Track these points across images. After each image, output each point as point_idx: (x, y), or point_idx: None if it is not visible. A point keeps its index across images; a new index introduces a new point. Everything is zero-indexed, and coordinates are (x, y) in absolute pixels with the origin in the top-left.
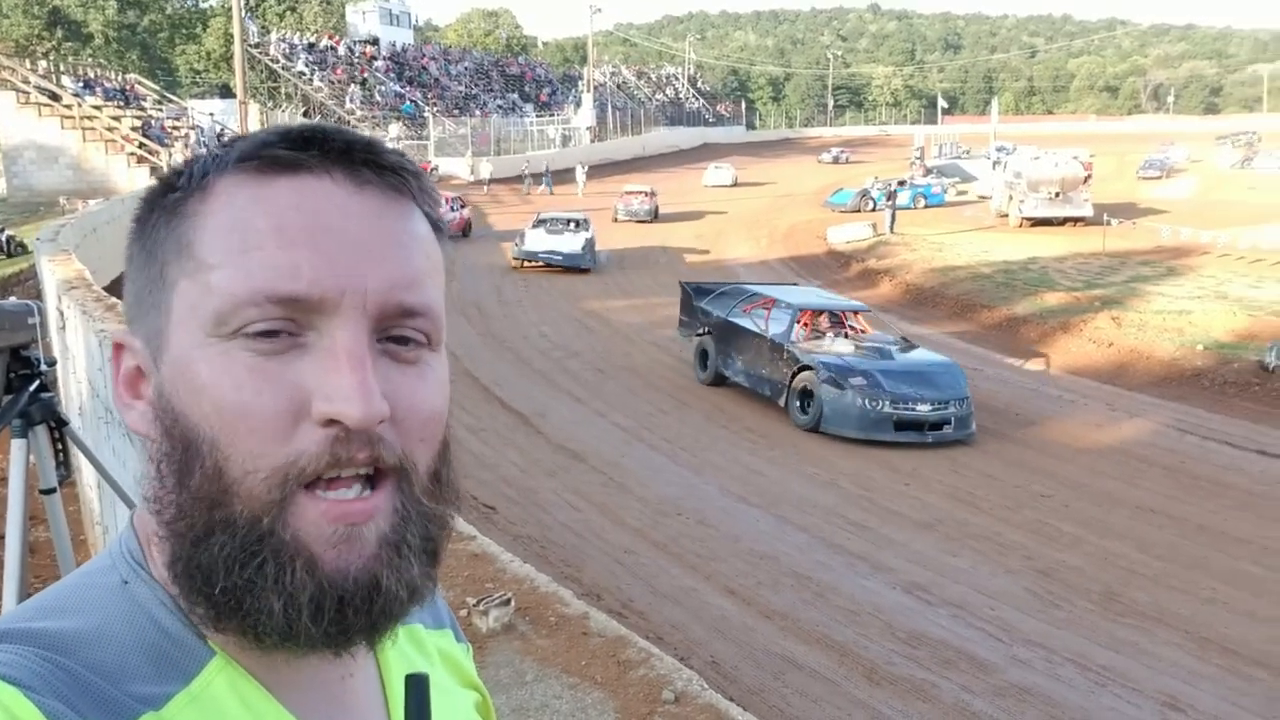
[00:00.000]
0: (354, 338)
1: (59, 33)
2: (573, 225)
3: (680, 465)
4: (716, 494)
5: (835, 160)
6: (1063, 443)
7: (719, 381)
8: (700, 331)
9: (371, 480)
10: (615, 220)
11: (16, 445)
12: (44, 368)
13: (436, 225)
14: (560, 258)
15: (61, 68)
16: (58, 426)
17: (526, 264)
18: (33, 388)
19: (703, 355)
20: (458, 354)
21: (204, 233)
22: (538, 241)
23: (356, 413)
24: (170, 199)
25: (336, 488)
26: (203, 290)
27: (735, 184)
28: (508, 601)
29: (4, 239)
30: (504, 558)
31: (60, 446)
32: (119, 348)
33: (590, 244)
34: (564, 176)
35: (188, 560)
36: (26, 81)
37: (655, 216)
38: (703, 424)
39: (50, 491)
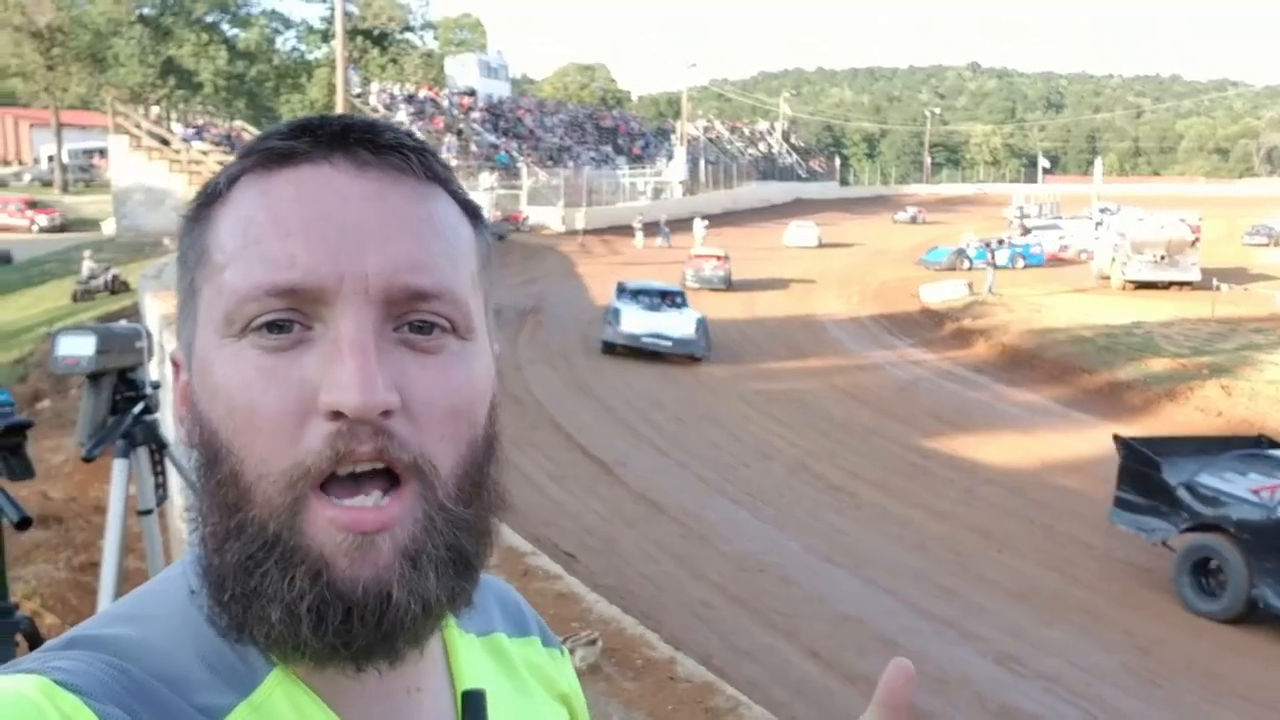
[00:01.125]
0: (355, 325)
1: (171, 81)
2: (670, 300)
3: (763, 520)
4: (800, 551)
5: (912, 220)
6: None
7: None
8: (1188, 525)
9: (392, 484)
10: (683, 287)
11: (119, 465)
12: (148, 390)
13: (465, 205)
14: (670, 343)
15: (172, 114)
16: (159, 449)
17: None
18: (137, 410)
19: (1204, 567)
20: (542, 401)
21: (217, 235)
22: (638, 322)
23: (353, 400)
24: (195, 209)
25: (354, 495)
26: (216, 292)
27: (820, 244)
28: (594, 641)
29: (110, 277)
30: (590, 598)
31: (160, 469)
32: (175, 365)
33: (703, 325)
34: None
35: (208, 568)
36: (138, 127)
37: (729, 284)
38: (786, 478)
39: (148, 513)
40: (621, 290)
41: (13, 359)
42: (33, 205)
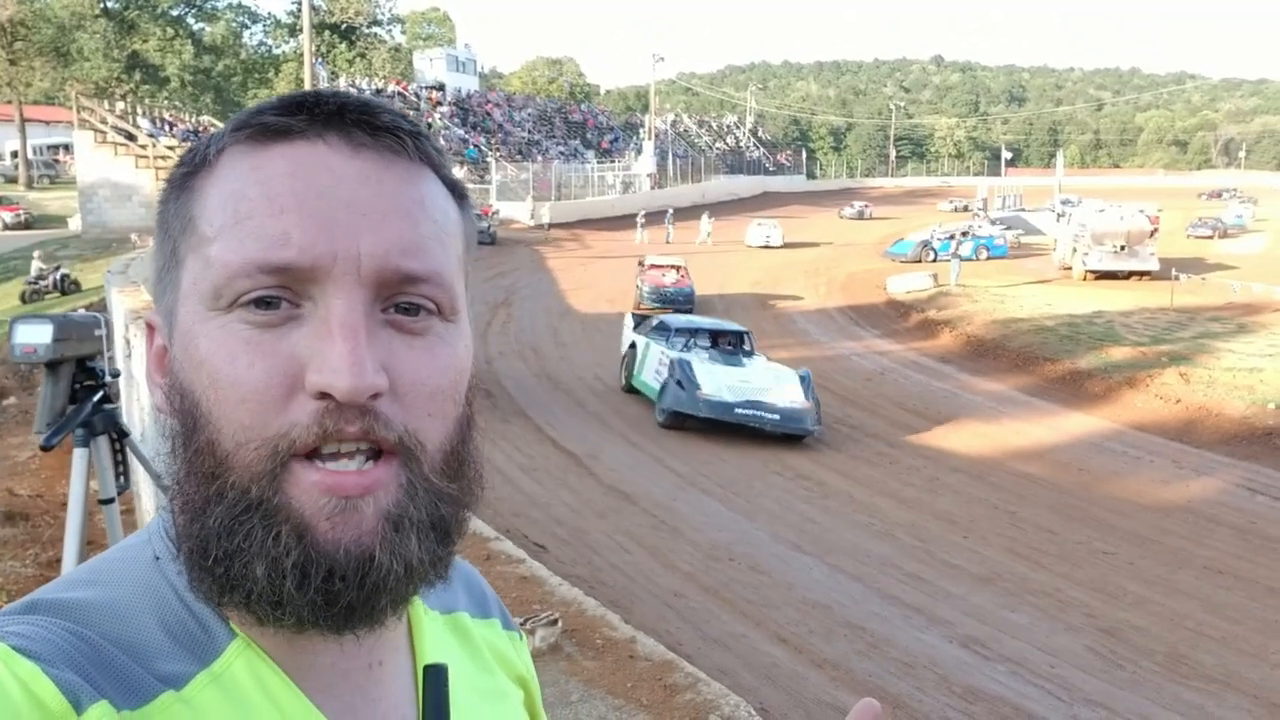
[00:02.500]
0: (347, 306)
1: (137, 75)
2: (738, 344)
3: (734, 511)
4: (769, 540)
5: (860, 215)
6: (1127, 499)
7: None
8: None
9: (376, 455)
10: (638, 307)
11: (78, 454)
12: (108, 379)
13: (453, 188)
14: (776, 417)
15: (138, 109)
16: (119, 438)
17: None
18: (96, 398)
19: None
20: (513, 394)
21: (205, 207)
22: (722, 384)
23: (344, 384)
24: (178, 176)
25: (337, 459)
26: (203, 264)
27: (783, 243)
28: (555, 622)
29: (59, 276)
30: (553, 581)
31: (120, 457)
32: (150, 328)
33: (809, 386)
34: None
35: (188, 535)
36: (104, 122)
37: (692, 303)
38: (759, 470)
39: (109, 501)
40: (664, 331)
41: None
42: None
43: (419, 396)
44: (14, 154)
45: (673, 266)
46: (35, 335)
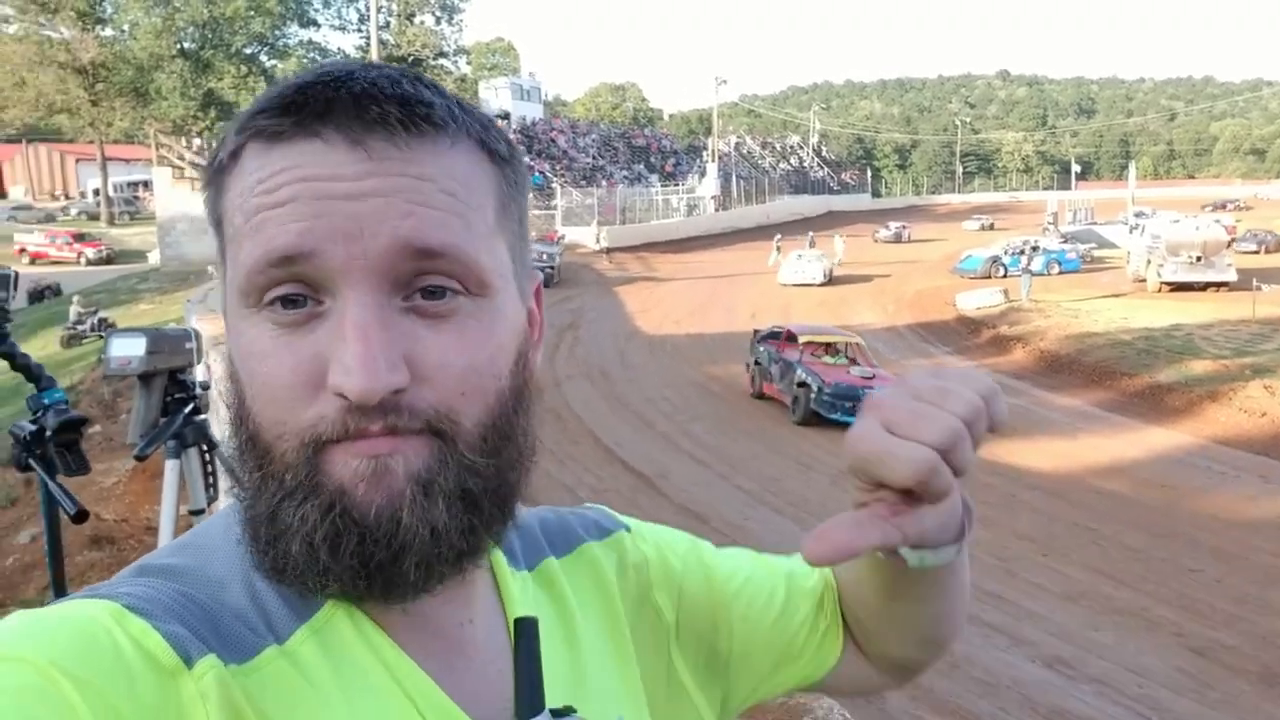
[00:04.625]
0: (358, 301)
1: (213, 113)
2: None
3: (807, 529)
4: None
5: (897, 238)
6: (1212, 515)
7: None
8: None
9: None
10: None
11: (170, 466)
12: (198, 391)
13: (482, 145)
14: None
15: (214, 145)
16: (209, 449)
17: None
18: (187, 410)
19: None
20: (581, 415)
21: (228, 206)
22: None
23: (356, 387)
24: (209, 172)
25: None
26: (232, 263)
27: (829, 280)
28: None
29: (97, 320)
30: None
31: (210, 469)
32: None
33: None
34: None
35: (248, 520)
36: (181, 158)
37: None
38: (829, 489)
39: (199, 513)
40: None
41: (64, 387)
42: (80, 238)
43: (448, 379)
44: (96, 191)
45: (844, 345)
46: (130, 348)
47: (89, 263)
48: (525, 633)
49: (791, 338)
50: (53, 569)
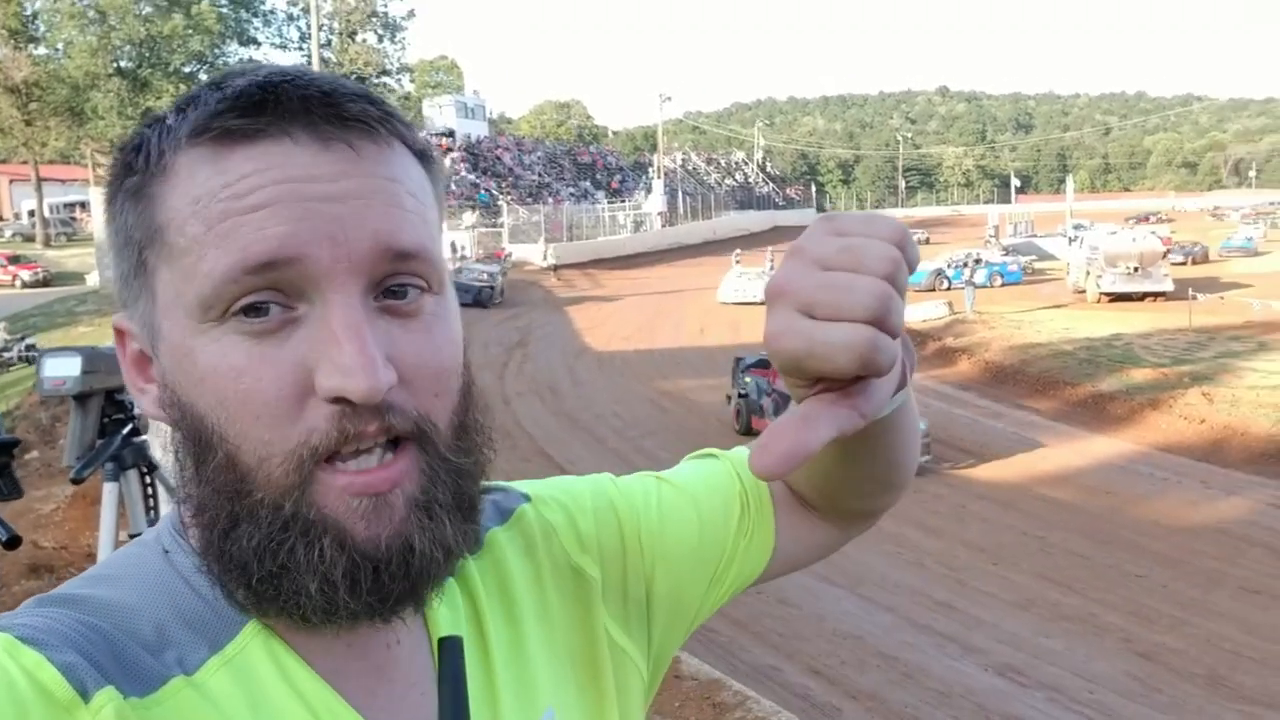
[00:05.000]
0: (346, 303)
1: None
2: None
3: None
4: (797, 574)
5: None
6: (1156, 521)
7: None
8: None
9: (393, 443)
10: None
11: (109, 489)
12: (137, 411)
13: (421, 155)
14: None
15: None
16: (149, 471)
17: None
18: (126, 431)
19: None
20: (531, 433)
21: (171, 216)
22: None
23: (361, 387)
24: (131, 183)
25: (357, 456)
26: (183, 277)
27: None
28: None
29: (24, 347)
30: None
31: (151, 491)
32: (120, 333)
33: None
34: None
35: (220, 553)
36: None
37: None
38: None
39: (138, 536)
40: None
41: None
42: (15, 260)
43: (424, 379)
44: (31, 213)
45: None
46: (64, 368)
47: (25, 285)
48: (449, 654)
49: None
50: None
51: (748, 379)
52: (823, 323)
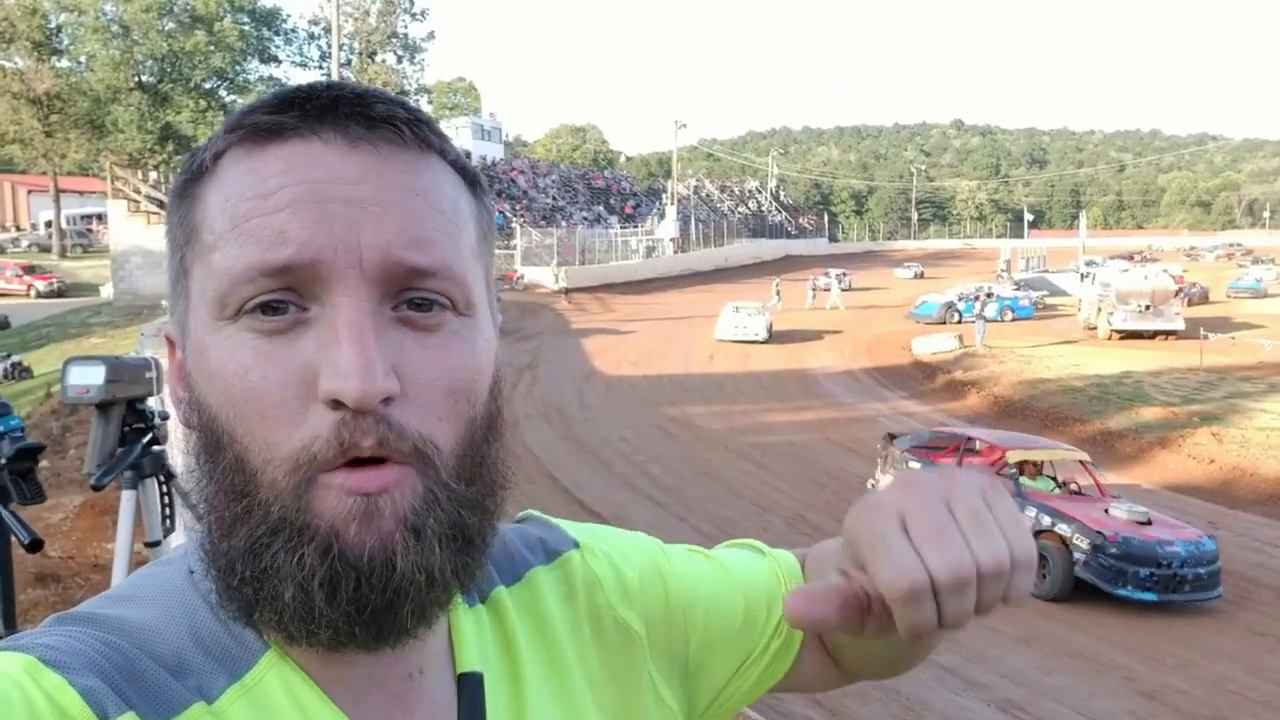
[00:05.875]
0: (352, 305)
1: (170, 146)
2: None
3: None
4: None
5: (917, 276)
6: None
7: None
8: None
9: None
10: None
11: (126, 497)
12: (157, 421)
13: (464, 173)
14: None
15: (170, 179)
16: (167, 480)
17: None
18: (145, 440)
19: None
20: (538, 455)
21: (206, 214)
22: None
23: (354, 390)
24: (182, 183)
25: (350, 469)
26: (207, 274)
27: (769, 338)
28: None
29: (10, 364)
30: None
31: (168, 500)
32: (170, 342)
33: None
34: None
35: (217, 554)
36: (137, 191)
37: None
38: (784, 531)
39: (155, 545)
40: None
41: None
42: (30, 270)
43: (432, 398)
44: (48, 224)
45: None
46: (88, 376)
47: (39, 295)
48: (469, 691)
49: (970, 447)
50: (2, 602)
51: (913, 463)
52: (903, 537)
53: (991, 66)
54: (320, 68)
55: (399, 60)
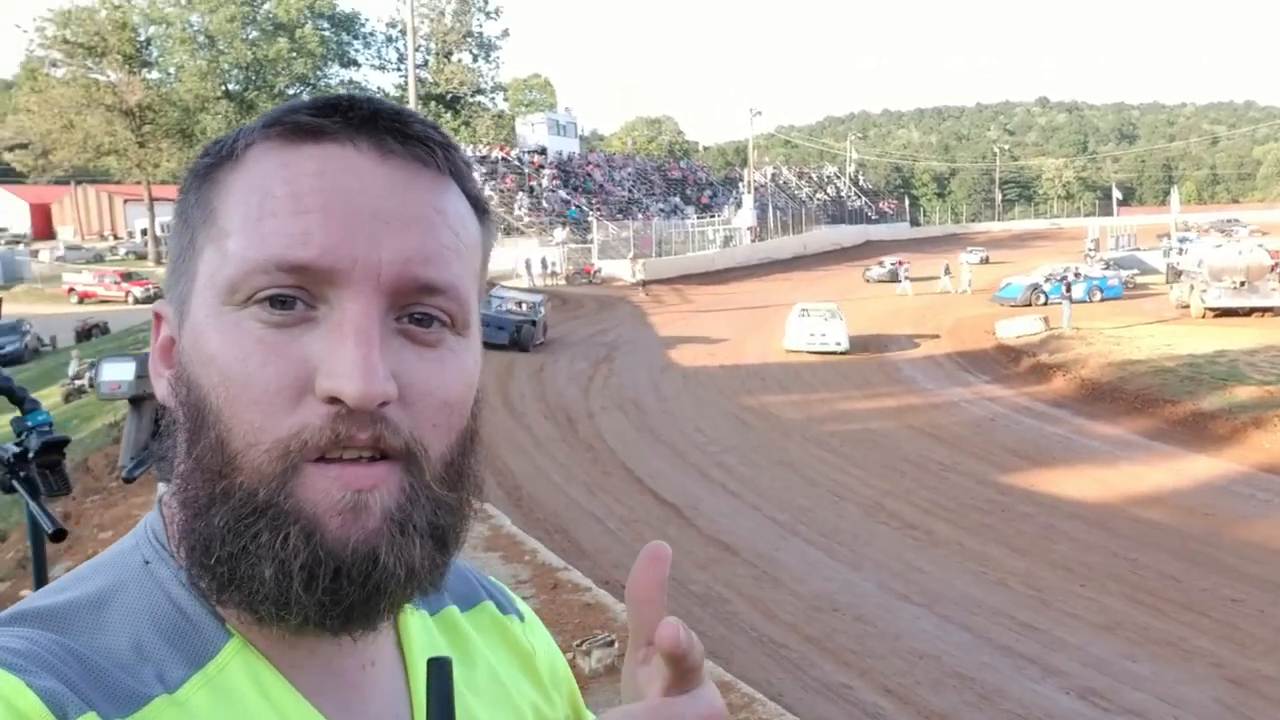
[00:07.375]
0: (363, 312)
1: None
2: None
3: (838, 560)
4: (875, 590)
5: (892, 278)
6: (1257, 544)
7: None
8: None
9: (380, 456)
10: None
11: (161, 488)
12: None
13: (476, 202)
14: None
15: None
16: None
17: None
18: None
19: None
20: (614, 447)
21: (228, 200)
22: None
23: (355, 390)
24: (204, 165)
25: (343, 463)
26: (221, 257)
27: (849, 349)
28: (611, 643)
29: (94, 375)
30: (617, 608)
31: None
32: (157, 318)
33: None
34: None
35: (190, 531)
36: None
37: None
38: (861, 519)
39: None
40: None
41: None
42: (128, 277)
43: (427, 407)
44: (144, 231)
45: None
46: (119, 373)
47: (136, 301)
48: (439, 674)
49: None
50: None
51: None
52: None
53: (1077, 41)
54: (398, 69)
55: (474, 59)
